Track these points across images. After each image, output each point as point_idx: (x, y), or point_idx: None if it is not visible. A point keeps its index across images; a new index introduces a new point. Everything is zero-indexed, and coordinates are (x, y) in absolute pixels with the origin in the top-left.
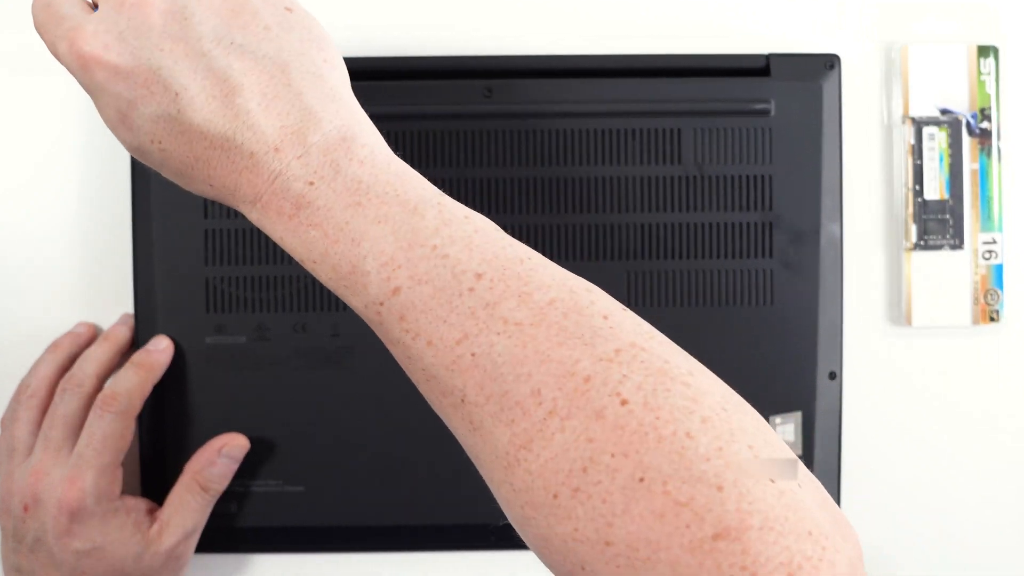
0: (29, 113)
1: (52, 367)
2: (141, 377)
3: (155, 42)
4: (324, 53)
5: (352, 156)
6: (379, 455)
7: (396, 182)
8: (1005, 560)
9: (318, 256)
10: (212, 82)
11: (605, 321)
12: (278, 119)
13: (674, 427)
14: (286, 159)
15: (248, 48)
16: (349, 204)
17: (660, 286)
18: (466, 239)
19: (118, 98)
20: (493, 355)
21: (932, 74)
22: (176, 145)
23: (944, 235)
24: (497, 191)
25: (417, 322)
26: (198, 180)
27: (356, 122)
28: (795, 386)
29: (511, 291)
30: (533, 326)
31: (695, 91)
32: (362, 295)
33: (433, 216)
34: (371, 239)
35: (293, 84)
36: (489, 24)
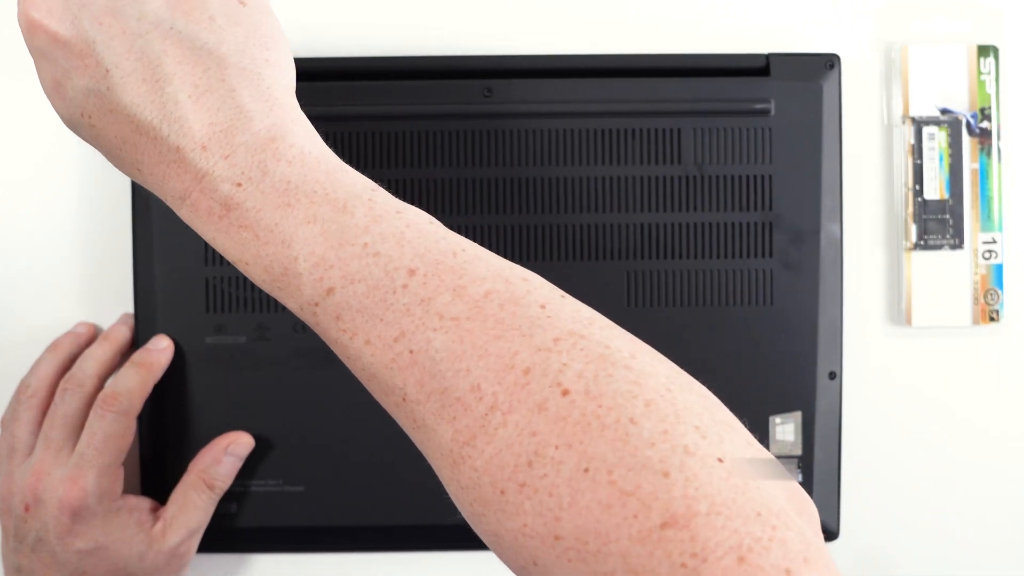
0: (29, 113)
1: (52, 367)
2: (142, 376)
3: (95, 14)
4: (268, 52)
5: (280, 156)
6: (379, 455)
7: (326, 180)
8: (1005, 560)
9: (250, 258)
10: (144, 65)
11: (543, 311)
12: (207, 115)
13: (617, 414)
14: (212, 159)
15: (187, 36)
16: (279, 205)
17: (660, 286)
18: (397, 235)
19: (55, 65)
20: (431, 351)
21: (932, 74)
22: (105, 123)
23: (944, 235)
24: (497, 191)
25: (353, 321)
26: (127, 163)
27: (289, 120)
28: (795, 386)
29: (445, 285)
30: (469, 320)
31: (695, 91)
32: (296, 297)
33: (363, 213)
34: (301, 240)
35: (227, 79)
36: (489, 24)
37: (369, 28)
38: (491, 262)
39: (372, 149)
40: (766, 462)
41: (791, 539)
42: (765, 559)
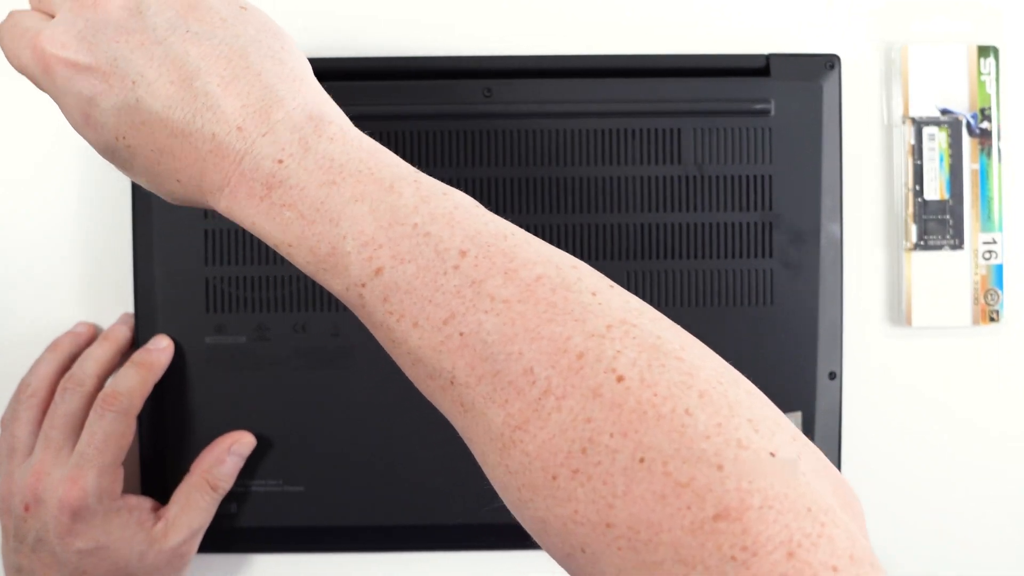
0: (29, 113)
1: (52, 366)
2: (142, 376)
3: (111, 35)
4: (281, 42)
5: (321, 133)
6: (379, 455)
7: (370, 160)
8: (1005, 560)
9: (294, 239)
10: (169, 67)
11: (594, 297)
12: (238, 99)
13: (673, 404)
14: (250, 137)
15: (204, 35)
16: (323, 183)
17: (660, 286)
18: (447, 216)
19: (79, 96)
20: (482, 334)
21: (932, 74)
22: (139, 138)
23: (944, 235)
24: (497, 191)
25: (401, 303)
26: (166, 177)
27: (322, 101)
28: (795, 386)
29: (497, 268)
30: (521, 303)
31: (695, 91)
32: (343, 277)
33: (411, 193)
34: (349, 218)
35: (252, 66)
36: (489, 24)
37: (369, 28)
38: (540, 247)
39: None
40: (814, 457)
41: (838, 536)
42: (814, 555)
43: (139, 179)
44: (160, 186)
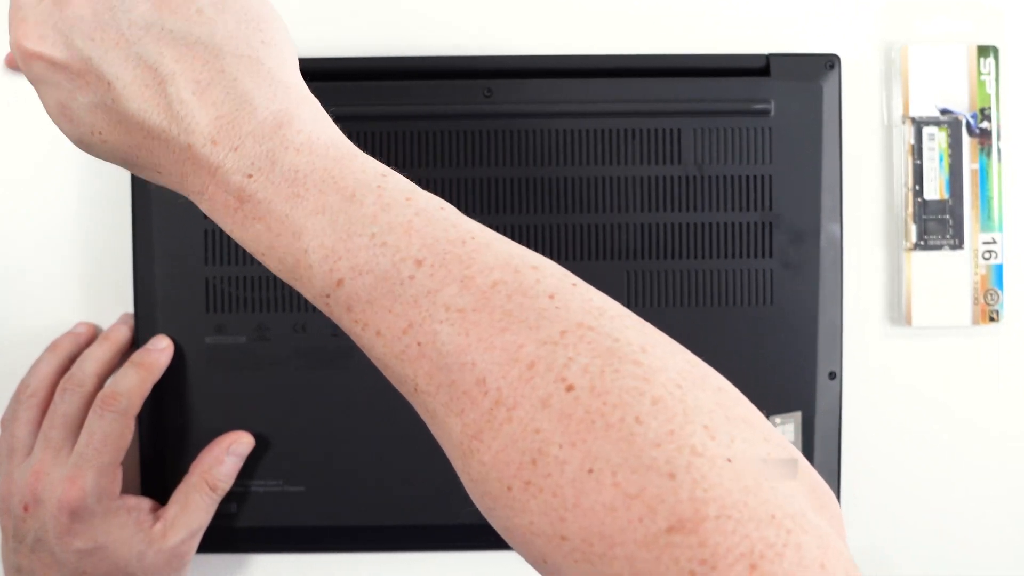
0: (29, 113)
1: (52, 367)
2: (141, 376)
3: (87, 32)
4: (262, 33)
5: (288, 144)
6: (379, 455)
7: (334, 168)
8: (1005, 560)
9: (265, 249)
10: (143, 70)
11: (551, 301)
12: (213, 108)
13: (622, 412)
14: (223, 151)
15: (179, 34)
16: (288, 196)
17: (660, 286)
18: (405, 224)
19: (57, 88)
20: (437, 344)
21: (932, 74)
22: (116, 135)
23: (944, 235)
24: (497, 191)
25: (364, 313)
26: (146, 168)
27: (294, 104)
28: (795, 386)
29: (452, 276)
30: (476, 311)
31: (695, 91)
32: (309, 288)
33: (372, 202)
34: (311, 232)
35: (227, 70)
36: (489, 24)
37: (369, 28)
38: (501, 249)
39: (372, 149)
40: (783, 460)
41: (807, 543)
42: (779, 566)
43: (116, 164)
44: (140, 173)
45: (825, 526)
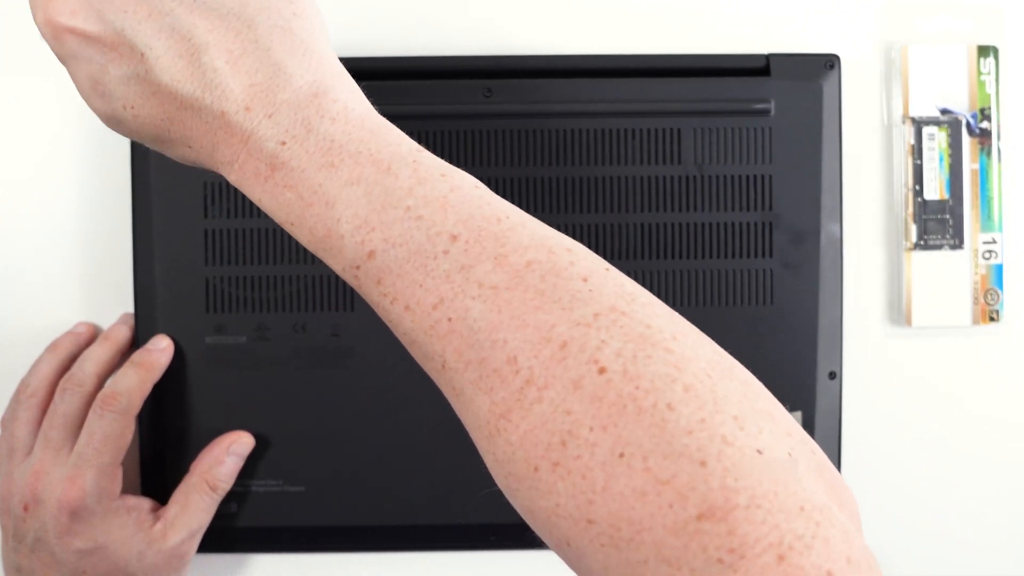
0: (29, 113)
1: (52, 366)
2: (141, 376)
3: (119, 5)
4: (293, 5)
5: (324, 113)
6: (379, 455)
7: (370, 140)
8: (1005, 560)
9: (295, 219)
10: (177, 41)
11: (584, 284)
12: (247, 77)
13: (655, 398)
14: (256, 118)
15: (212, 5)
16: (322, 165)
17: (660, 286)
18: (441, 199)
19: (89, 63)
20: (469, 320)
21: (932, 74)
22: (149, 108)
23: (944, 235)
24: (497, 191)
25: (394, 286)
26: (177, 143)
27: (330, 75)
28: (795, 386)
29: (487, 253)
30: (509, 290)
31: (695, 91)
32: (339, 259)
33: (407, 175)
34: (344, 201)
35: (261, 40)
36: (489, 24)
37: (369, 28)
38: (535, 230)
39: None
40: (808, 454)
41: (834, 537)
42: (806, 558)
43: (148, 144)
44: (170, 150)
45: (848, 522)
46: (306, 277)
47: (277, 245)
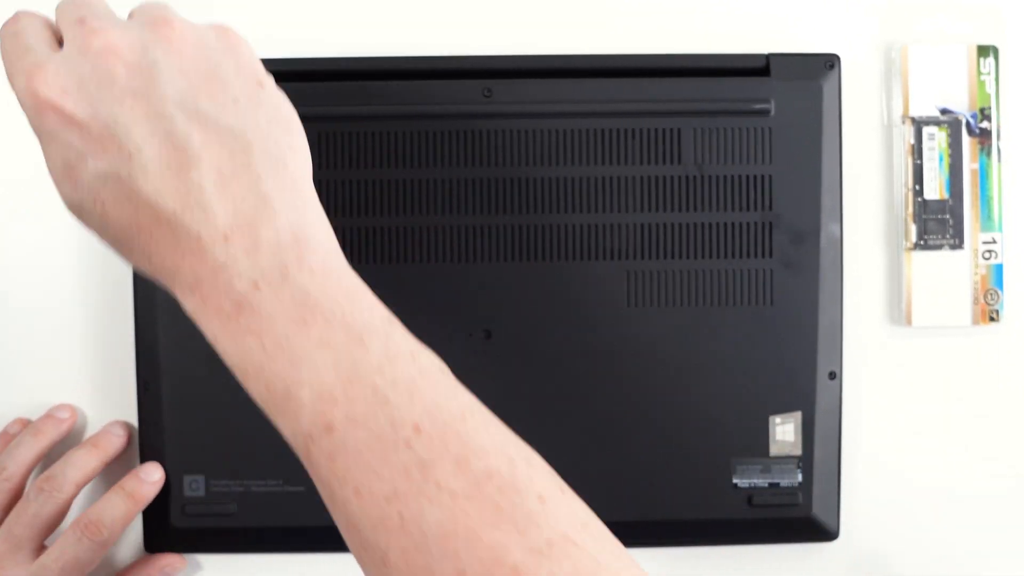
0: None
1: (33, 452)
2: (128, 508)
3: (116, 95)
4: (290, 137)
5: (303, 263)
6: None
7: (345, 302)
8: (1005, 560)
9: (252, 369)
10: (169, 148)
11: (541, 505)
12: (232, 203)
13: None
14: (234, 251)
15: (212, 118)
16: (294, 319)
17: (660, 286)
18: (409, 382)
19: (68, 147)
20: (422, 523)
21: (932, 74)
22: (120, 210)
23: (944, 235)
24: (497, 191)
25: (347, 467)
26: (137, 252)
27: (312, 220)
28: (795, 386)
29: (449, 453)
30: (468, 499)
31: (695, 91)
32: (292, 423)
33: (378, 349)
34: (311, 365)
35: (254, 166)
36: (489, 24)
37: (369, 28)
38: (496, 433)
39: (373, 149)
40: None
41: None
42: None
43: (106, 242)
44: (127, 257)
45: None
46: None
47: None
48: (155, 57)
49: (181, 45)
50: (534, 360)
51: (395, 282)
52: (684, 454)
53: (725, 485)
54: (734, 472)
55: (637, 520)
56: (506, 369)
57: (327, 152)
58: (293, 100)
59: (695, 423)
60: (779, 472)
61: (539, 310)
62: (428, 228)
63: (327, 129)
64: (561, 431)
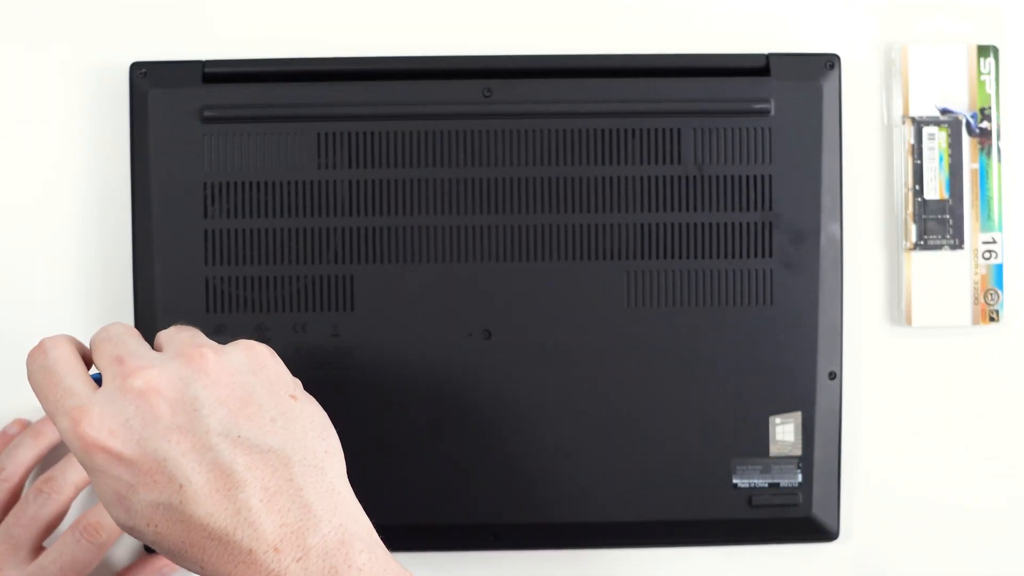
0: (30, 113)
1: (33, 454)
2: None
3: (162, 433)
4: (325, 443)
5: (352, 562)
6: (379, 455)
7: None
8: (1005, 560)
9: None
10: (216, 476)
11: None
12: (279, 516)
13: None
14: (285, 561)
15: (253, 442)
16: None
17: (660, 286)
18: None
19: (118, 481)
20: None
21: (932, 74)
22: (173, 532)
23: (944, 235)
24: (497, 191)
25: None
26: (190, 561)
27: (353, 520)
28: (795, 386)
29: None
30: None
31: (695, 91)
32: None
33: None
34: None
35: (295, 479)
36: (489, 24)
37: (369, 28)
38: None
39: (372, 149)
40: None
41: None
42: None
43: (161, 552)
44: (180, 564)
45: None
46: (306, 277)
47: (277, 245)
48: (195, 392)
49: (217, 376)
50: (534, 360)
51: (395, 282)
52: (684, 454)
53: (725, 485)
54: (734, 472)
55: (637, 520)
56: (506, 369)
57: (327, 152)
58: (293, 100)
59: (695, 423)
60: (779, 472)
61: (539, 310)
62: (428, 228)
63: (327, 129)
64: (561, 431)
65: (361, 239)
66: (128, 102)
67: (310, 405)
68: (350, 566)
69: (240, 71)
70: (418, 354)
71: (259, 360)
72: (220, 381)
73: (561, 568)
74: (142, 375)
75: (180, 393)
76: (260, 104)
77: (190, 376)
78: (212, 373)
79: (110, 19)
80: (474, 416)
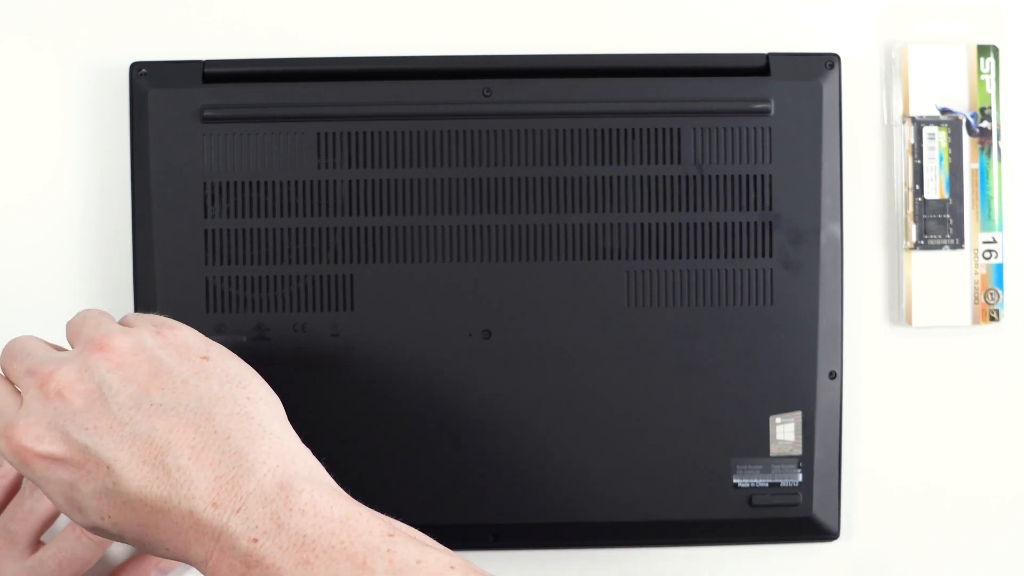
0: (30, 112)
1: None
2: None
3: (80, 423)
4: (246, 390)
5: (292, 505)
6: (379, 455)
7: (341, 531)
8: (1005, 560)
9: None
10: (139, 447)
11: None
12: (211, 469)
13: None
14: (225, 514)
15: (169, 406)
16: (298, 562)
17: (660, 286)
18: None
19: (61, 483)
20: None
21: (932, 74)
22: (123, 516)
23: (944, 235)
24: (497, 191)
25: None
26: (155, 547)
27: (291, 460)
28: (795, 386)
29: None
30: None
31: (695, 91)
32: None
33: (383, 568)
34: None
35: (220, 430)
36: (489, 24)
37: (369, 28)
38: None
39: (372, 149)
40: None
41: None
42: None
43: (133, 544)
44: (154, 552)
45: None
46: (306, 277)
47: (277, 245)
48: (101, 376)
49: (122, 357)
50: (534, 360)
51: (395, 282)
52: (684, 454)
53: (725, 485)
54: (734, 472)
55: (637, 520)
56: (506, 369)
57: (327, 152)
58: (293, 100)
59: (695, 423)
60: (779, 472)
61: (539, 310)
62: (428, 228)
63: (327, 129)
64: (561, 431)
65: (361, 239)
66: (128, 102)
67: (224, 360)
68: (291, 509)
69: (240, 71)
70: (418, 354)
71: (165, 336)
72: (125, 362)
73: (561, 568)
74: (54, 378)
75: (88, 383)
76: (260, 104)
77: (95, 363)
78: (117, 355)
79: (110, 19)
80: (474, 416)
